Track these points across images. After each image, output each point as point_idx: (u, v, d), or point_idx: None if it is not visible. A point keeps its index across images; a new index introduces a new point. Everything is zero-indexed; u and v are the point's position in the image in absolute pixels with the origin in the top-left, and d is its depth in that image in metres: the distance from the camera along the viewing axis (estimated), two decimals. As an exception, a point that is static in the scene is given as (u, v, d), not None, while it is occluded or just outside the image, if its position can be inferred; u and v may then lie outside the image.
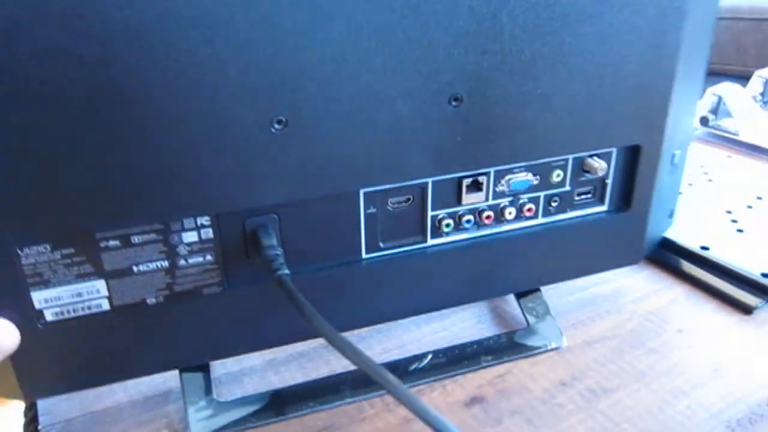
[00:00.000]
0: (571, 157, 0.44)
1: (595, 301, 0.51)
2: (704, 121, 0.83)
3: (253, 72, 0.33)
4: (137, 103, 0.32)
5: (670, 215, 0.54)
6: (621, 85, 0.42)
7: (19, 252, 0.34)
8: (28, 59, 0.30)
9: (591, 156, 0.45)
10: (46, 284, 0.35)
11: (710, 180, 0.69)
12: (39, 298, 0.35)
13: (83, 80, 0.31)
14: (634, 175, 0.46)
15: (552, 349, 0.46)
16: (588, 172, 0.45)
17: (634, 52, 0.41)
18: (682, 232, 0.56)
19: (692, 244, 0.54)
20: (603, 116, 0.43)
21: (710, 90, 0.84)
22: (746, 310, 0.49)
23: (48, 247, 0.34)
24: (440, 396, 0.43)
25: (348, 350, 0.32)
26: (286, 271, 0.36)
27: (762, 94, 0.87)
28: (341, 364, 0.45)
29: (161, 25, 0.31)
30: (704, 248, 0.54)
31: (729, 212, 0.60)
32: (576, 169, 0.45)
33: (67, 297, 0.36)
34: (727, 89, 0.83)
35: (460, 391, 0.43)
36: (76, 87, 0.31)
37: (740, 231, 0.57)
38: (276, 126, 0.35)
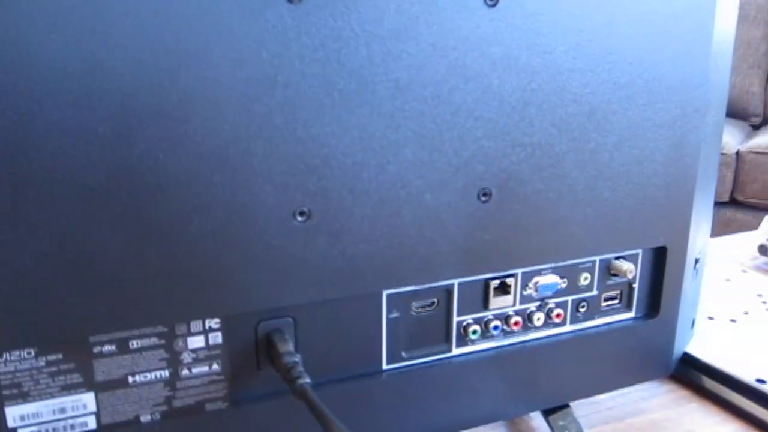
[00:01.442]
0: (598, 258, 0.42)
1: (630, 432, 0.46)
2: (763, 250, 0.79)
3: (276, 158, 0.31)
4: (145, 187, 0.29)
5: (692, 325, 0.51)
6: (646, 183, 0.41)
7: (-2, 359, 0.29)
8: (39, 139, 0.27)
9: (617, 258, 0.42)
10: (24, 397, 0.30)
11: (768, 309, 0.65)
12: (14, 414, 0.30)
13: (94, 159, 0.28)
14: (661, 279, 0.44)
15: (588, 474, 0.41)
16: (615, 275, 0.43)
17: (658, 150, 0.40)
18: (736, 362, 0.52)
19: (748, 376, 0.50)
20: (629, 216, 0.41)
21: None
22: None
23: (32, 352, 0.30)
24: None
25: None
26: (308, 380, 0.32)
27: None
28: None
29: (180, 105, 0.29)
30: (761, 381, 0.49)
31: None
32: (603, 271, 0.42)
33: (47, 414, 0.31)
34: None
35: None
36: (85, 166, 0.28)
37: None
38: (299, 218, 0.32)
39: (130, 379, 0.32)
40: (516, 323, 0.40)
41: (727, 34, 0.43)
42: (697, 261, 0.47)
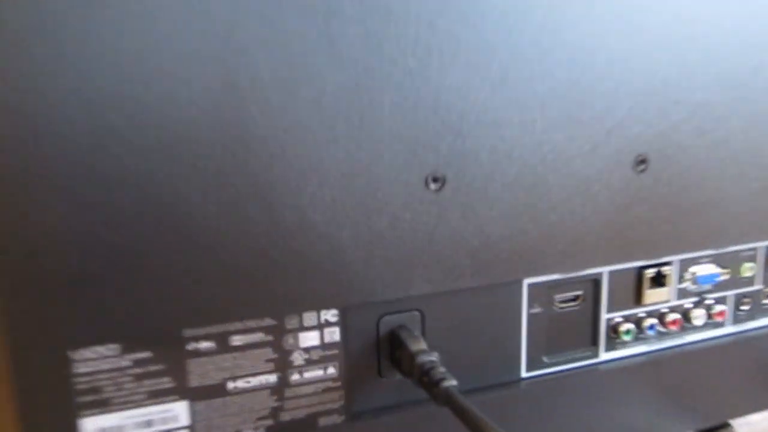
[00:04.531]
0: (764, 245, 0.35)
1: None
2: None
3: (406, 114, 0.26)
4: (259, 151, 0.24)
5: None
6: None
7: (70, 355, 0.23)
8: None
9: (783, 246, 0.36)
10: (104, 406, 0.24)
11: None
12: (91, 427, 0.24)
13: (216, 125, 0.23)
14: (834, 273, 0.37)
15: None
16: (781, 266, 0.36)
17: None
18: None
19: None
20: (799, 194, 0.34)
21: None
22: None
23: (115, 348, 0.24)
24: None
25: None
26: (454, 382, 0.25)
27: None
28: None
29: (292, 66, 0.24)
30: None
31: None
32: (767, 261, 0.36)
33: (131, 427, 0.25)
34: None
35: None
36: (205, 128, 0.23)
37: None
38: (432, 185, 0.26)
39: (231, 384, 0.26)
40: (673, 322, 0.33)
41: None
42: None
